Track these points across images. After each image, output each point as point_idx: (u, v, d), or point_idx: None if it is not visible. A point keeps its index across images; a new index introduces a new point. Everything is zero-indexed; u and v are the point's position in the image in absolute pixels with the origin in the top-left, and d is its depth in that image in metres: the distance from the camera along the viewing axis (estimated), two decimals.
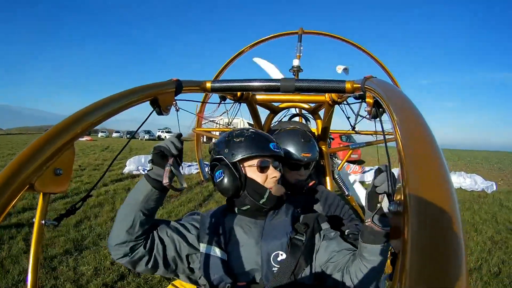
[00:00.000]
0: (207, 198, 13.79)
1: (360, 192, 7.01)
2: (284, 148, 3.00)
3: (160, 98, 2.17)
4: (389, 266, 2.00)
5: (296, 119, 5.41)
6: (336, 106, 3.38)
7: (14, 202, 1.22)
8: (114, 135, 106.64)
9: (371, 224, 1.80)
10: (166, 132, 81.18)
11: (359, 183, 7.66)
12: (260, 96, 3.75)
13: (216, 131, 7.30)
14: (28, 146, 1.37)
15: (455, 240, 0.73)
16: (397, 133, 1.15)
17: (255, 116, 4.15)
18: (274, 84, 2.48)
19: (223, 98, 3.17)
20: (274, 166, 2.35)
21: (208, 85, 2.57)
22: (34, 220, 1.50)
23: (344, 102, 3.07)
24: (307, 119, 5.59)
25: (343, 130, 7.09)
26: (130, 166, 19.45)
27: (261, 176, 2.30)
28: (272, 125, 4.73)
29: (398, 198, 1.05)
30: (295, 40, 5.99)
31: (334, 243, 2.27)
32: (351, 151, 5.98)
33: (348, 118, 3.53)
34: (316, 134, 4.35)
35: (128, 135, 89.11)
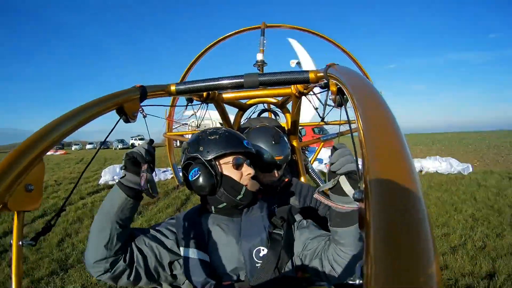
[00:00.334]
0: (184, 202, 13.72)
1: None
2: (255, 145, 2.99)
3: (126, 106, 2.14)
4: None
5: (265, 114, 5.41)
6: (304, 98, 3.38)
7: None
8: (88, 146, 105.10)
9: (318, 195, 1.82)
10: (139, 139, 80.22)
11: None
12: (227, 95, 3.75)
13: (187, 134, 7.26)
14: None
15: (419, 223, 0.72)
16: (358, 121, 1.15)
17: (223, 115, 4.14)
18: (238, 80, 2.48)
19: (190, 100, 3.16)
20: (247, 164, 2.37)
21: (172, 88, 2.56)
22: (12, 242, 1.49)
23: (311, 93, 3.07)
24: (276, 114, 5.59)
25: (313, 122, 7.10)
26: (106, 176, 19.26)
27: (236, 173, 2.32)
28: (242, 122, 4.71)
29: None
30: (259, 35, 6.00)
31: (307, 231, 2.29)
32: (323, 143, 5.98)
33: (316, 109, 3.54)
34: (286, 129, 4.36)
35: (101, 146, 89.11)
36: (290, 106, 4.33)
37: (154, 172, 2.17)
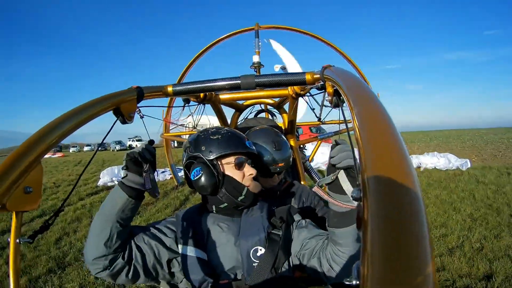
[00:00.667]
0: (183, 203, 13.74)
1: None
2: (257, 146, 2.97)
3: (122, 107, 2.14)
4: None
5: (262, 115, 5.42)
6: (301, 99, 3.39)
7: None
8: (86, 148, 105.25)
9: (317, 189, 1.86)
10: (137, 140, 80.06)
11: None
12: (223, 96, 3.76)
13: (185, 134, 7.26)
14: None
15: (417, 222, 0.72)
16: (354, 120, 1.15)
17: (220, 116, 4.14)
18: (235, 82, 2.48)
19: (186, 101, 3.16)
20: (249, 164, 2.37)
21: (169, 89, 2.56)
22: (9, 240, 1.51)
23: (307, 94, 3.08)
24: (273, 114, 5.60)
25: (310, 122, 7.10)
26: (104, 178, 19.25)
27: (238, 174, 2.31)
28: (239, 123, 4.74)
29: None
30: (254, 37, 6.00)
31: (305, 230, 2.29)
32: (320, 141, 5.99)
33: (313, 110, 3.55)
34: (283, 128, 4.36)
35: (99, 148, 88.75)
36: (286, 106, 4.33)
37: (156, 172, 2.19)
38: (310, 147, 12.07)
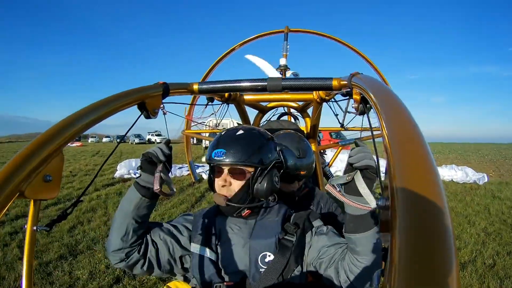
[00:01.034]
0: (199, 199, 13.75)
1: None
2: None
3: (148, 102, 2.16)
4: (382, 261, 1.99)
5: (285, 117, 5.40)
6: (325, 104, 3.37)
7: (5, 210, 1.22)
8: (104, 140, 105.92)
9: (330, 187, 1.81)
10: (156, 135, 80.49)
11: None
12: (248, 96, 3.76)
13: (205, 132, 7.28)
14: (17, 154, 1.37)
15: (444, 234, 0.72)
16: (383, 128, 1.14)
17: (243, 116, 4.14)
18: (261, 84, 2.47)
19: (210, 100, 3.16)
20: (219, 172, 2.30)
21: (195, 87, 2.57)
22: (26, 227, 1.51)
23: (332, 100, 3.06)
24: (296, 118, 5.58)
25: (332, 127, 7.08)
26: (121, 170, 19.34)
27: (215, 181, 2.31)
28: (261, 124, 4.73)
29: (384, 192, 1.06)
30: (282, 39, 5.98)
31: (325, 238, 2.24)
32: (341, 148, 5.97)
33: (336, 116, 3.53)
34: (305, 133, 4.34)
35: (118, 140, 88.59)
36: (309, 110, 4.32)
37: (170, 171, 2.22)
38: (329, 153, 12.07)
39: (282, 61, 5.61)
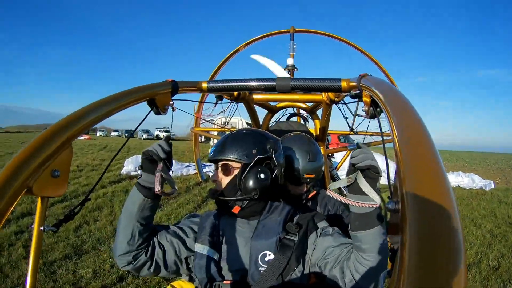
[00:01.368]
0: (205, 199, 13.61)
1: None
2: (288, 154, 2.96)
3: (157, 99, 2.18)
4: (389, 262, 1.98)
5: (294, 118, 5.39)
6: (334, 106, 3.36)
7: (12, 208, 1.20)
8: (113, 134, 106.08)
9: (331, 192, 1.82)
10: (165, 131, 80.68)
11: None
12: (257, 96, 3.75)
13: (214, 131, 7.28)
14: (24, 147, 1.35)
15: (453, 238, 0.72)
16: (394, 133, 1.15)
17: (252, 115, 4.14)
18: (270, 83, 2.48)
19: (219, 98, 3.16)
20: (215, 169, 2.42)
21: (204, 85, 2.58)
22: (33, 226, 1.49)
23: (342, 102, 3.05)
24: (305, 119, 5.57)
25: (341, 131, 7.05)
26: (128, 166, 18.98)
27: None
28: (270, 125, 4.73)
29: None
30: (288, 39, 5.98)
31: (331, 238, 2.24)
32: (349, 152, 5.95)
33: (346, 119, 3.51)
34: (314, 135, 4.33)
35: (126, 134, 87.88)
36: (319, 112, 4.31)
37: (170, 169, 2.22)
38: (338, 157, 12.09)
39: (290, 61, 5.61)
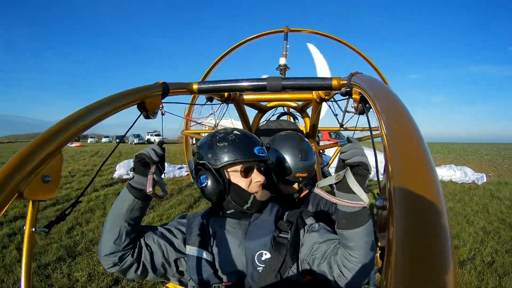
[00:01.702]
0: (197, 200, 13.70)
1: None
2: (280, 155, 2.97)
3: (147, 102, 2.16)
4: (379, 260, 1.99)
5: (284, 117, 5.40)
6: (324, 103, 3.37)
7: (4, 211, 1.21)
8: (104, 140, 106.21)
9: (318, 190, 1.83)
10: (156, 135, 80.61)
11: None
12: (247, 96, 3.75)
13: (205, 132, 7.29)
14: (16, 154, 1.36)
15: (441, 234, 0.73)
16: (382, 128, 1.15)
17: (242, 116, 4.13)
18: (261, 83, 2.48)
19: (210, 99, 3.15)
20: (259, 170, 2.31)
21: (195, 86, 2.57)
22: (25, 228, 1.50)
23: (332, 99, 3.05)
24: (295, 118, 5.58)
25: (331, 127, 7.07)
26: (120, 170, 19.36)
27: (245, 181, 2.27)
28: (260, 124, 4.73)
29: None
30: (282, 39, 5.98)
31: (317, 234, 2.24)
32: (340, 148, 5.96)
33: (336, 115, 3.52)
34: (304, 132, 4.34)
35: (117, 140, 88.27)
36: (309, 110, 4.32)
37: (163, 173, 2.21)
38: (329, 153, 12.12)
39: (282, 60, 5.61)
